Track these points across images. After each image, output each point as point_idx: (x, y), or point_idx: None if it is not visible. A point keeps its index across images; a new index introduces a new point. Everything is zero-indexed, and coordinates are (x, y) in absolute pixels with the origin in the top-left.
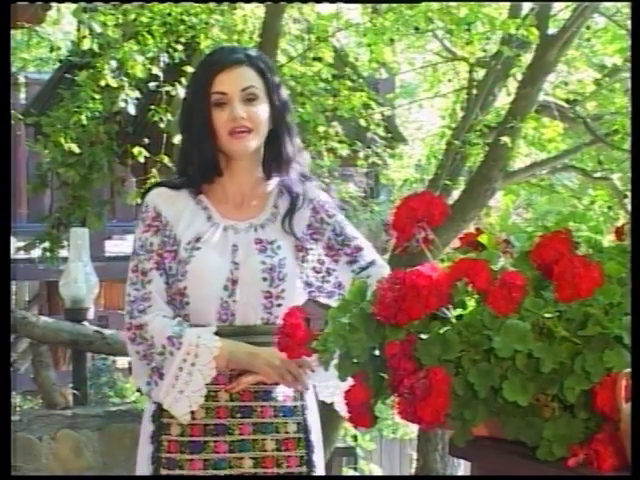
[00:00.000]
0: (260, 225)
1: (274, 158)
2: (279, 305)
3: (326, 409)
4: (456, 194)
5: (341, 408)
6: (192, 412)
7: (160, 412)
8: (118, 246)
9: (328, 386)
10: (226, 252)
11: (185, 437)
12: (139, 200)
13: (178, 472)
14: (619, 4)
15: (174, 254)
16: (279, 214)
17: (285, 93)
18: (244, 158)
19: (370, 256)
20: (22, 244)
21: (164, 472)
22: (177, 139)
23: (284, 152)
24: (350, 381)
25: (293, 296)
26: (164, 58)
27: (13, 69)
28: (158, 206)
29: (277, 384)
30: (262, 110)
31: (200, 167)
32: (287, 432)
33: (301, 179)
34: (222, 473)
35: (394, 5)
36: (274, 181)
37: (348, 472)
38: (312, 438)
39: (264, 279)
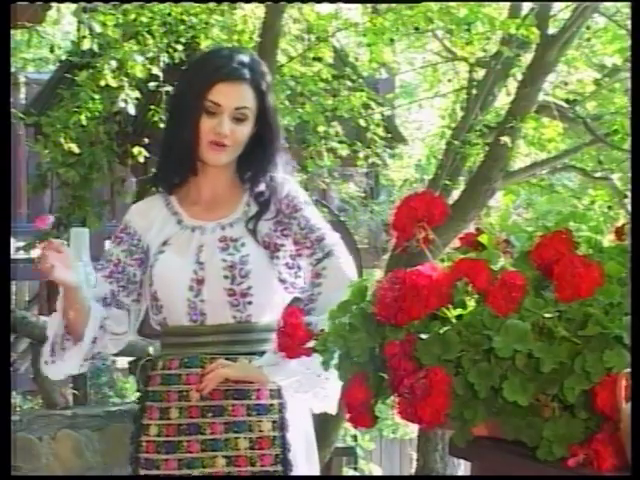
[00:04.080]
0: (229, 224)
1: (250, 166)
2: (249, 303)
3: None
4: (456, 194)
5: (314, 406)
6: (167, 412)
7: (141, 414)
8: None
9: (291, 384)
10: (190, 253)
11: (161, 437)
12: None
13: (155, 472)
14: (619, 4)
15: (139, 261)
16: (251, 211)
17: (272, 101)
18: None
19: (328, 247)
20: (22, 244)
21: (142, 472)
22: None
23: (261, 164)
24: (350, 381)
25: (265, 293)
26: (164, 58)
27: (13, 69)
28: (128, 219)
29: (250, 382)
30: (246, 130)
31: (177, 165)
32: (261, 430)
33: (274, 181)
34: (196, 472)
35: (394, 5)
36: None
37: (348, 472)
38: (289, 436)
39: (225, 277)
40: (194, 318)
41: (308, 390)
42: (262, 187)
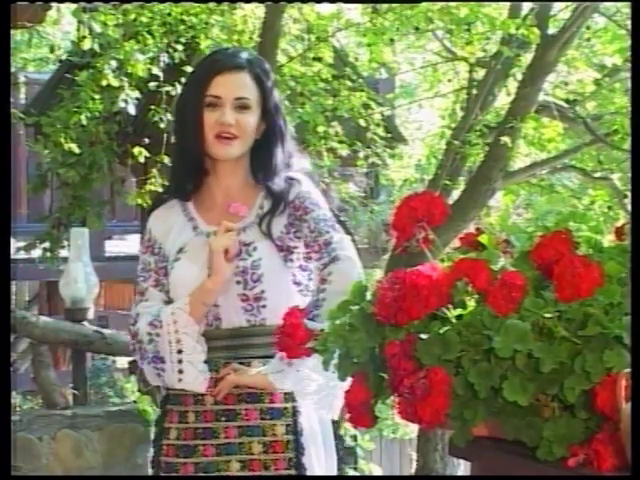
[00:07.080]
0: (242, 228)
1: (264, 165)
2: (263, 306)
3: None
4: (456, 194)
5: (322, 413)
6: (185, 416)
7: (163, 417)
8: (118, 246)
9: (301, 390)
10: (203, 259)
11: (180, 441)
12: (139, 200)
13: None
14: (619, 4)
15: (164, 270)
16: (263, 213)
17: (279, 98)
18: (228, 161)
19: (335, 251)
20: (22, 244)
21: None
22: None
23: (273, 160)
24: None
25: (280, 297)
26: (164, 58)
27: (13, 69)
28: (151, 227)
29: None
30: (251, 119)
31: (186, 165)
32: (275, 434)
33: (287, 182)
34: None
35: (394, 5)
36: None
37: (348, 472)
38: (303, 440)
39: (237, 282)
40: (209, 323)
41: (319, 397)
42: (277, 188)
